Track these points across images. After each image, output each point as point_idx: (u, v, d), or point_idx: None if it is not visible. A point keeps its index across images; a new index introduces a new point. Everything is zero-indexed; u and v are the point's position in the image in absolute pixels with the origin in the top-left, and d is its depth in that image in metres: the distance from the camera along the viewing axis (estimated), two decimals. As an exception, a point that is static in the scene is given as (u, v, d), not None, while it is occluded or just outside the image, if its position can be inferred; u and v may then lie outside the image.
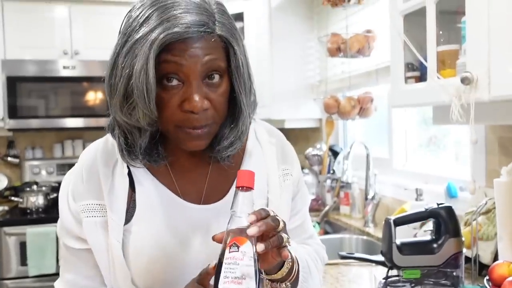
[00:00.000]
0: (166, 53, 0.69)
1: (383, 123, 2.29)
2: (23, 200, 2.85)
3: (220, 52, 0.73)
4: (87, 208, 0.79)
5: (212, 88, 0.73)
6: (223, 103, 0.76)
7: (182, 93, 0.71)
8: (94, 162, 0.81)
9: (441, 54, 1.22)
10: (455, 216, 1.19)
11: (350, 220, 2.29)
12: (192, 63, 0.70)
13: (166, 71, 0.70)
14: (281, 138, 0.95)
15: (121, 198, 0.79)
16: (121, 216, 0.79)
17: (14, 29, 2.96)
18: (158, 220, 0.80)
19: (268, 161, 0.89)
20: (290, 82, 2.77)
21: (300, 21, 2.75)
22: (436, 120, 1.37)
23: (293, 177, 0.91)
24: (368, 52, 2.06)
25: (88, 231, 0.79)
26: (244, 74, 0.76)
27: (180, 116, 0.72)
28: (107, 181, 0.79)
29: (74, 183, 0.82)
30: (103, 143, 0.84)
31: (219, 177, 0.85)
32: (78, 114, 3.01)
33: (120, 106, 0.72)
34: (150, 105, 0.69)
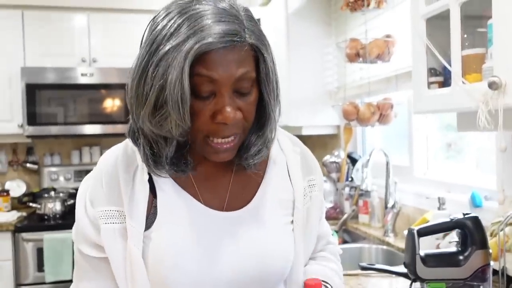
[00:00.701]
0: (199, 65, 0.68)
1: (402, 130, 2.24)
2: (41, 206, 2.88)
3: (251, 62, 0.72)
4: (106, 215, 0.78)
5: (243, 97, 0.73)
6: (252, 112, 0.75)
7: (214, 104, 0.71)
8: (114, 168, 0.79)
9: (466, 58, 1.17)
10: (482, 227, 1.14)
11: (369, 229, 2.24)
12: (225, 77, 0.69)
13: (199, 83, 0.69)
14: (303, 147, 0.94)
15: (141, 204, 0.77)
16: (141, 223, 0.77)
17: (34, 37, 3.01)
18: (180, 226, 0.78)
19: (293, 169, 0.87)
20: (308, 88, 2.74)
21: (318, 26, 2.72)
22: (461, 127, 1.32)
23: (318, 186, 0.90)
24: (388, 57, 2.02)
25: (106, 238, 0.77)
26: (273, 81, 0.76)
27: (211, 127, 0.72)
28: (128, 187, 0.78)
29: (92, 188, 0.80)
30: (123, 149, 0.82)
31: (242, 184, 0.84)
32: (96, 121, 3.03)
33: (150, 117, 0.71)
34: (185, 116, 0.69)
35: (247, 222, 0.81)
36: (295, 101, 2.72)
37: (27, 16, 3.00)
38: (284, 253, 0.82)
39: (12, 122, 2.97)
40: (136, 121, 0.74)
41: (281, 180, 0.86)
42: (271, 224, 0.82)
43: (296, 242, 0.84)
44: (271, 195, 0.84)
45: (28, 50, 3.00)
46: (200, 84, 0.69)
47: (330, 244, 1.00)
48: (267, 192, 0.84)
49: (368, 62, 2.05)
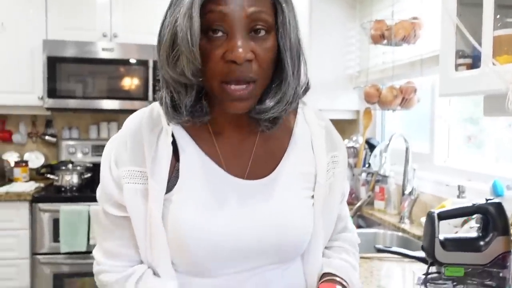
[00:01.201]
0: (212, 3, 0.69)
1: (424, 116, 2.19)
2: (58, 178, 2.91)
3: (267, 7, 0.72)
4: (129, 175, 0.78)
5: (258, 41, 0.72)
6: (268, 59, 0.73)
7: (226, 44, 0.70)
8: (139, 129, 0.79)
9: (498, 39, 1.13)
10: (505, 213, 1.11)
11: (384, 215, 2.22)
12: (236, 12, 0.69)
13: (211, 20, 0.69)
14: (329, 122, 0.92)
15: (164, 166, 0.77)
16: (163, 185, 0.77)
17: (57, 10, 3.01)
18: (201, 191, 0.77)
19: (318, 143, 0.86)
20: (329, 71, 2.70)
21: (342, 8, 2.67)
22: (488, 111, 1.28)
23: (341, 163, 0.88)
24: (414, 40, 1.97)
25: (128, 198, 0.77)
26: (292, 33, 0.74)
27: (223, 68, 0.71)
28: (151, 149, 0.77)
29: (117, 149, 0.80)
30: (149, 111, 0.82)
31: (265, 153, 0.83)
32: (114, 96, 3.03)
33: (167, 57, 0.72)
34: (193, 50, 0.69)
35: (267, 191, 0.80)
36: (315, 84, 2.60)
37: (50, -12, 3.00)
38: (303, 226, 0.81)
39: (33, 94, 2.99)
40: (159, 69, 0.77)
41: (304, 152, 0.85)
42: (291, 196, 0.81)
43: (316, 217, 0.83)
44: (294, 167, 0.83)
45: (50, 23, 3.01)
46: (212, 22, 0.70)
47: (347, 232, 0.98)
48: (289, 163, 0.83)
49: (393, 44, 2.01)
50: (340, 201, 0.90)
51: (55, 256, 2.71)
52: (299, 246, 0.81)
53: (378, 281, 1.33)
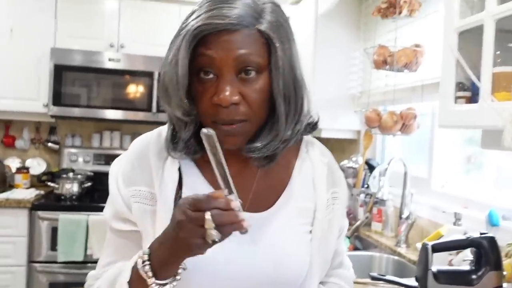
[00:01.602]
0: (202, 46, 0.70)
1: (423, 141, 2.21)
2: (58, 186, 2.92)
3: (259, 48, 0.71)
4: (138, 194, 0.79)
5: (247, 83, 0.72)
6: (258, 100, 0.73)
7: (215, 86, 0.71)
8: (146, 152, 0.81)
9: (496, 75, 1.15)
10: (497, 248, 1.12)
11: (381, 237, 2.23)
12: (223, 56, 0.69)
13: (201, 64, 0.71)
14: (332, 159, 0.93)
15: (170, 192, 0.78)
16: (169, 210, 0.77)
17: (66, 19, 3.05)
18: None
19: (319, 179, 0.86)
20: (331, 91, 2.72)
21: (347, 30, 2.71)
22: (485, 145, 1.30)
23: (341, 200, 0.89)
24: (415, 67, 1.99)
25: (138, 216, 0.79)
26: (285, 74, 0.74)
27: (212, 110, 0.72)
28: (158, 172, 0.79)
29: (124, 169, 0.82)
30: (157, 135, 0.84)
31: (266, 187, 0.84)
32: (118, 106, 3.06)
33: (163, 96, 0.75)
34: (179, 93, 0.71)
35: (267, 225, 0.81)
36: (317, 103, 2.66)
37: (60, -3, 3.05)
38: (299, 261, 0.81)
39: (38, 101, 3.02)
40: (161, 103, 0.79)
41: (305, 188, 0.85)
42: (290, 231, 0.82)
43: (313, 253, 0.83)
44: (294, 202, 0.84)
45: (59, 31, 3.05)
46: (201, 65, 0.71)
47: (343, 268, 0.98)
48: (290, 198, 0.84)
49: (395, 70, 2.03)
50: (337, 237, 0.91)
51: (52, 265, 2.72)
52: (295, 281, 0.82)
53: (371, 308, 1.34)
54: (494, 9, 1.13)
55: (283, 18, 0.76)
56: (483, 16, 1.16)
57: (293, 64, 0.76)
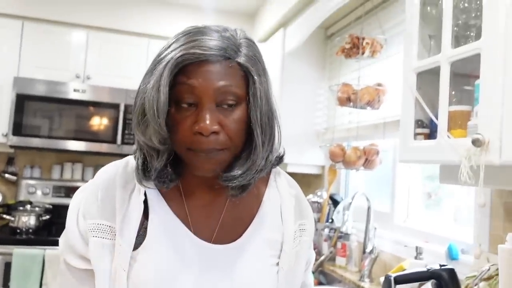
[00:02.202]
0: (182, 75, 0.71)
1: (385, 176, 2.28)
2: (14, 219, 2.80)
3: (238, 80, 0.74)
4: (97, 228, 0.77)
5: (226, 113, 0.73)
6: (237, 130, 0.75)
7: (195, 115, 0.72)
8: (112, 183, 0.80)
9: (452, 113, 1.22)
10: (457, 279, 1.16)
11: (345, 272, 2.24)
12: (204, 86, 0.71)
13: (181, 92, 0.72)
14: (299, 191, 0.94)
15: (133, 224, 0.77)
16: (130, 243, 0.76)
17: (31, 48, 3.02)
18: (166, 251, 0.77)
19: (286, 211, 0.87)
20: (297, 127, 2.78)
21: (312, 68, 2.80)
22: (443, 179, 1.36)
23: (308, 232, 0.89)
24: (378, 105, 2.08)
25: (94, 252, 0.77)
26: (263, 105, 0.76)
27: (191, 138, 0.72)
28: (123, 205, 0.78)
29: (86, 200, 0.80)
30: (123, 166, 0.83)
31: (234, 218, 0.84)
32: (81, 138, 3.01)
33: (137, 123, 0.74)
34: (159, 120, 0.71)
35: (233, 257, 0.80)
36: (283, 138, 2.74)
37: (27, 26, 3.01)
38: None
39: (-3, 131, 2.93)
40: (133, 131, 0.78)
41: (273, 220, 0.85)
42: (257, 263, 0.82)
43: (279, 286, 0.83)
44: (261, 234, 0.83)
45: (24, 60, 3.00)
46: (182, 93, 0.72)
47: None
48: (257, 230, 0.83)
49: (358, 107, 2.11)
50: (305, 270, 0.91)
51: (3, 302, 2.57)
52: None
53: None
54: (449, 52, 1.20)
55: (259, 53, 0.79)
56: (439, 58, 1.24)
57: (269, 96, 0.79)
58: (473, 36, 1.20)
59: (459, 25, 1.23)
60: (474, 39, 1.18)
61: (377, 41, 2.09)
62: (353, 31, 2.33)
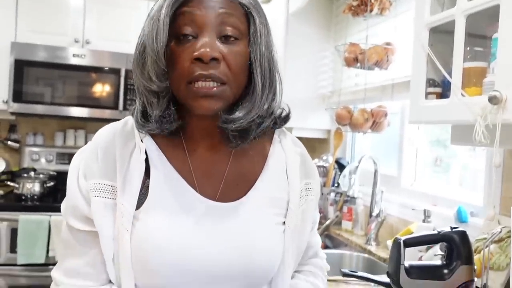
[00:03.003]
0: (183, 6, 0.71)
1: (393, 140, 2.23)
2: (19, 186, 2.80)
3: (240, 14, 0.74)
4: (98, 188, 0.75)
5: (228, 45, 0.72)
6: (238, 63, 0.73)
7: (195, 44, 0.71)
8: (111, 143, 0.77)
9: (467, 70, 1.16)
10: (469, 242, 1.13)
11: (351, 236, 2.23)
12: (206, 13, 0.70)
13: (181, 23, 0.71)
14: (304, 149, 0.91)
15: (135, 183, 0.75)
16: (133, 203, 0.74)
17: (27, 13, 2.93)
18: (169, 210, 0.75)
19: (292, 169, 0.84)
20: (301, 90, 2.72)
21: (317, 29, 2.71)
22: (455, 140, 1.31)
23: (314, 192, 0.88)
24: (386, 65, 2.00)
25: (96, 212, 0.74)
26: (263, 47, 0.75)
27: (190, 68, 0.70)
28: (123, 164, 0.75)
29: (86, 161, 0.77)
30: (122, 125, 0.80)
31: (238, 176, 0.81)
32: (83, 104, 2.96)
33: (137, 63, 0.74)
34: (158, 49, 0.70)
35: (238, 215, 0.78)
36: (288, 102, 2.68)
37: (22, -10, 2.92)
38: (272, 252, 0.79)
39: (-4, 97, 2.89)
40: (133, 78, 0.77)
41: (278, 178, 0.83)
42: (262, 221, 0.80)
43: (286, 244, 0.81)
44: (266, 192, 0.82)
45: (20, 25, 2.92)
46: (182, 24, 0.71)
47: (318, 257, 0.97)
48: (262, 188, 0.81)
49: (366, 68, 2.04)
50: (311, 229, 0.89)
51: (12, 268, 2.59)
52: (267, 272, 0.79)
53: (343, 305, 1.32)
54: (464, 4, 1.13)
55: (260, 6, 0.79)
56: (454, 11, 1.17)
57: (269, 41, 0.78)
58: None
59: (475, -25, 1.16)
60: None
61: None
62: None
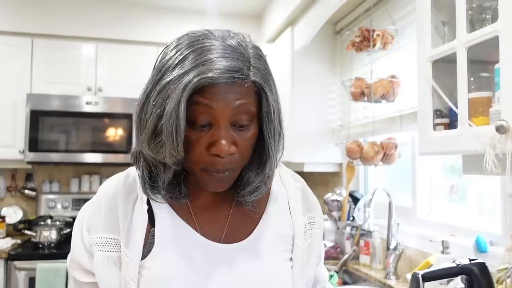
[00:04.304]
0: (198, 95, 0.68)
1: (406, 170, 2.22)
2: (36, 234, 2.83)
3: (252, 97, 0.72)
4: (101, 242, 0.77)
5: (240, 132, 0.72)
6: (249, 147, 0.75)
7: (210, 135, 0.71)
8: (114, 196, 0.79)
9: (472, 101, 1.17)
10: (489, 274, 1.11)
11: (370, 270, 2.19)
12: (222, 107, 0.69)
13: (196, 112, 0.69)
14: (304, 184, 0.93)
15: (139, 235, 0.76)
16: (138, 254, 0.75)
17: (42, 64, 3.05)
18: (176, 256, 0.76)
19: (294, 205, 0.86)
20: (311, 125, 2.75)
21: (323, 65, 2.76)
22: (467, 170, 1.31)
23: (318, 225, 0.89)
24: (393, 97, 2.03)
25: (98, 266, 0.76)
26: (275, 120, 0.75)
27: (206, 159, 0.71)
28: (126, 217, 0.77)
29: (90, 215, 0.80)
30: (124, 178, 0.82)
31: (242, 217, 0.82)
32: (97, 150, 3.02)
33: (148, 142, 0.72)
34: (178, 147, 0.69)
35: (245, 255, 0.79)
36: (298, 138, 2.72)
37: (36, 43, 3.05)
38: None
39: (14, 148, 2.97)
40: (138, 144, 0.76)
41: (281, 215, 0.85)
42: (270, 259, 0.80)
43: (295, 280, 0.81)
44: (271, 230, 0.82)
45: (35, 77, 3.04)
46: (197, 113, 0.69)
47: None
48: (267, 226, 0.82)
49: (373, 102, 2.06)
50: (317, 263, 0.90)
51: (30, 318, 2.59)
52: None
53: None
54: (465, 37, 1.16)
55: (267, 63, 0.77)
56: (455, 44, 1.20)
57: (280, 108, 0.77)
58: (489, 18, 1.15)
59: (473, 9, 1.19)
60: (490, 21, 1.13)
61: (388, 32, 2.04)
62: (363, 24, 2.28)
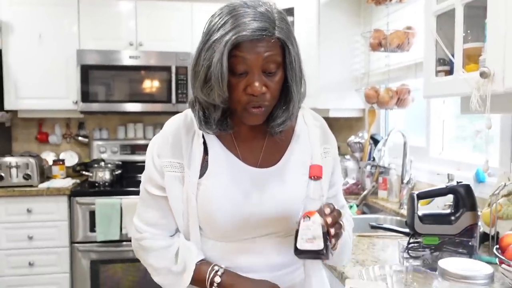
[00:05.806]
0: (236, 50, 0.92)
1: (422, 114, 2.43)
2: (92, 175, 3.22)
3: (278, 49, 0.95)
4: (170, 164, 1.04)
5: (270, 77, 0.95)
6: (277, 89, 0.98)
7: (247, 80, 0.94)
8: (178, 131, 1.06)
9: (466, 51, 1.37)
10: (472, 193, 1.35)
11: (386, 203, 2.46)
12: (255, 57, 0.92)
13: (235, 63, 0.93)
14: (323, 122, 1.17)
15: (197, 160, 1.03)
16: (196, 173, 1.02)
17: (87, 22, 3.32)
18: (224, 176, 1.03)
19: (313, 139, 1.10)
20: (336, 74, 2.94)
21: (347, 17, 2.92)
22: (463, 110, 1.53)
23: (332, 154, 1.12)
24: (408, 47, 2.21)
25: (168, 182, 1.03)
26: (296, 68, 0.98)
27: (244, 98, 0.95)
28: (188, 146, 1.04)
29: (159, 144, 1.07)
30: (184, 118, 1.08)
31: (273, 148, 1.08)
32: (140, 100, 3.33)
33: (201, 88, 0.96)
34: (223, 88, 0.93)
35: (275, 177, 1.05)
36: (324, 86, 2.93)
37: (82, 3, 3.31)
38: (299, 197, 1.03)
39: (68, 99, 3.31)
40: (193, 91, 1.00)
41: (303, 146, 1.09)
42: (293, 180, 1.06)
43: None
44: (295, 158, 1.08)
45: (82, 34, 3.32)
46: (236, 64, 0.91)
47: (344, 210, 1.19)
48: (292, 155, 1.08)
49: (389, 51, 2.25)
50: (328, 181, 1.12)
51: (91, 245, 3.03)
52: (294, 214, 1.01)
53: (373, 252, 1.58)
54: (462, -5, 1.34)
55: (289, 23, 0.97)
56: (454, 1, 1.38)
57: (300, 58, 1.00)
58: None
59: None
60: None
61: (406, -15, 2.18)
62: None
